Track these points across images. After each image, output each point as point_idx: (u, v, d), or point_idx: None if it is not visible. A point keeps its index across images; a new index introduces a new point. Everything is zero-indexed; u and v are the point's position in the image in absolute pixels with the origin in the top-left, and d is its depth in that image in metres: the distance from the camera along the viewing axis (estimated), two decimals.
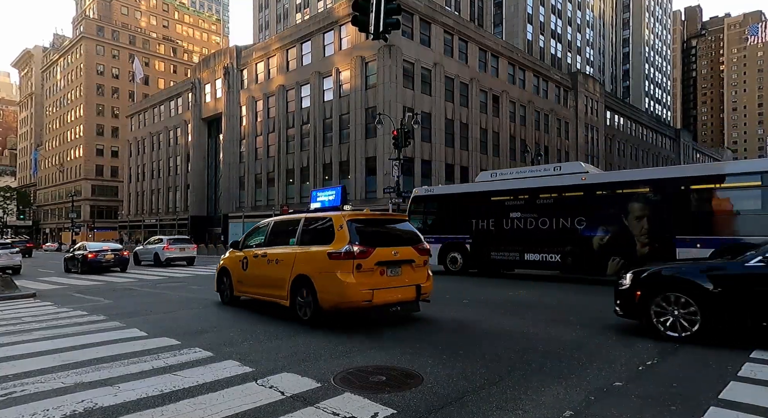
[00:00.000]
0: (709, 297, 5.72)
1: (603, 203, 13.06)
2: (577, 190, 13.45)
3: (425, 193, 17.46)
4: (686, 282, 5.92)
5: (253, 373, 4.72)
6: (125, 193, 71.44)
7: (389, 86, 34.87)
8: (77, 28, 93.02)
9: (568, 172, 14.10)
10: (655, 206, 12.07)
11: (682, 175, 11.99)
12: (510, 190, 14.96)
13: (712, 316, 5.74)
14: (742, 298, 5.54)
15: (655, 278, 6.26)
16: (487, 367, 4.96)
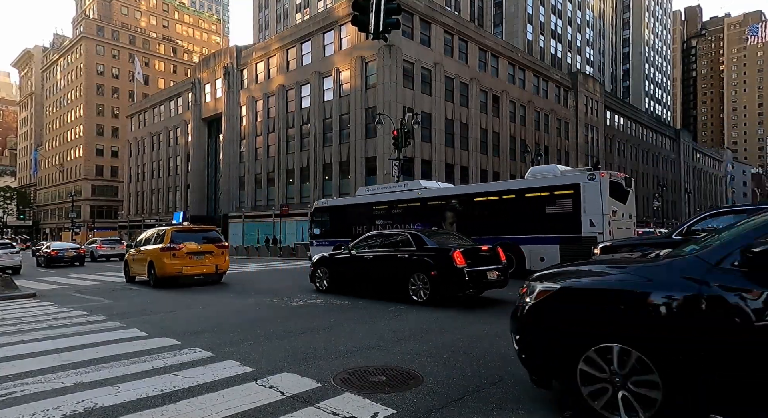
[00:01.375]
0: None
1: (431, 211, 17.22)
2: (416, 202, 17.83)
3: (322, 205, 21.56)
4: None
5: (253, 373, 4.71)
6: (125, 193, 71.45)
7: (389, 86, 34.87)
8: (77, 28, 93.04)
9: (411, 188, 18.60)
10: (458, 213, 16.34)
11: (471, 192, 16.99)
12: (375, 202, 18.98)
13: None
14: None
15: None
16: (487, 366, 4.96)
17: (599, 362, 3.28)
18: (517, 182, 17.02)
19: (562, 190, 13.59)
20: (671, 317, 2.99)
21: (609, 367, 3.23)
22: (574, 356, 3.37)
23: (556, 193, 13.72)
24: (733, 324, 2.79)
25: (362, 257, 10.53)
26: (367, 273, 10.42)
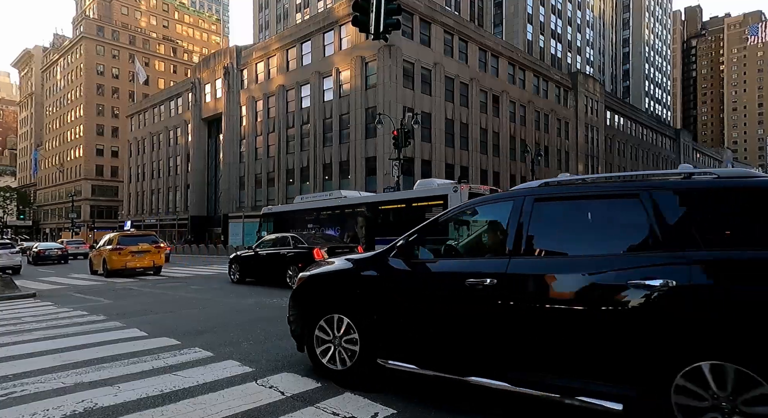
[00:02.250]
0: None
1: (347, 217, 19.81)
2: (336, 209, 20.45)
3: (268, 211, 24.40)
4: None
5: (253, 373, 4.71)
6: (125, 193, 71.45)
7: (389, 86, 34.87)
8: (77, 28, 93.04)
9: (334, 197, 21.26)
10: (368, 219, 18.77)
11: (375, 200, 19.56)
12: (307, 209, 21.70)
13: None
14: None
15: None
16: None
17: (326, 329, 4.50)
18: (407, 193, 19.36)
19: (435, 200, 16.38)
20: (366, 292, 4.28)
21: (332, 332, 4.47)
22: (313, 325, 4.58)
23: (432, 203, 16.58)
24: (400, 296, 4.12)
25: (260, 254, 14.24)
26: (262, 266, 13.97)
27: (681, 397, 2.84)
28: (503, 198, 4.05)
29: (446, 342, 3.82)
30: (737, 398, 2.66)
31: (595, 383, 3.13)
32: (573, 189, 3.74)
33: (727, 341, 2.73)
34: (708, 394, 2.76)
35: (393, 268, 4.19)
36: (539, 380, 3.34)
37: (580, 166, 56.59)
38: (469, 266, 3.91)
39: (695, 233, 3.01)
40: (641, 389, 2.97)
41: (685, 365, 2.84)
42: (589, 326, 3.19)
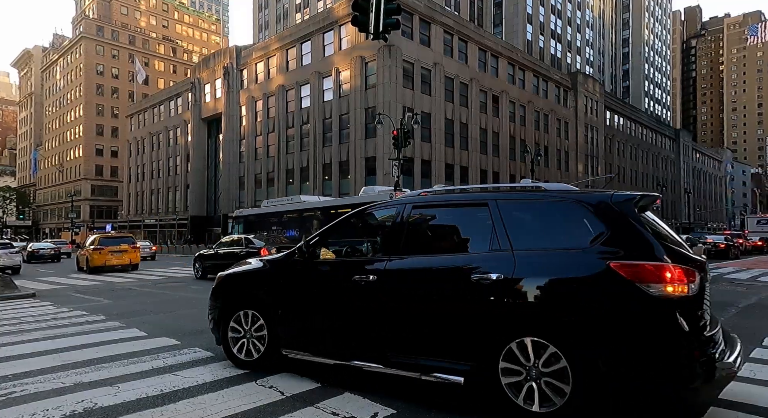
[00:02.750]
0: None
1: (305, 220, 20.93)
2: (295, 212, 21.49)
3: (239, 214, 25.82)
4: None
5: (253, 373, 4.71)
6: (125, 193, 71.45)
7: (389, 86, 34.88)
8: (77, 28, 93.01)
9: (294, 201, 22.61)
10: (321, 222, 19.36)
11: (328, 205, 20.79)
12: (271, 213, 22.71)
13: None
14: None
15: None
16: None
17: (240, 323, 4.92)
18: (353, 198, 20.68)
19: None
20: (273, 290, 4.78)
21: (245, 327, 4.88)
22: (228, 319, 4.99)
23: None
24: (300, 292, 4.65)
25: (218, 252, 16.31)
26: (220, 263, 14.69)
27: (504, 364, 3.54)
28: (391, 204, 4.61)
29: (335, 332, 4.40)
30: (538, 362, 3.42)
31: (444, 361, 3.77)
32: (441, 198, 4.45)
33: (537, 321, 3.46)
34: (522, 363, 3.48)
35: (297, 267, 4.72)
36: (405, 361, 3.96)
37: (580, 167, 56.60)
38: (358, 264, 4.46)
39: (512, 236, 3.73)
40: (477, 364, 3.64)
41: (508, 342, 3.52)
42: (442, 314, 3.83)
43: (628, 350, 3.21)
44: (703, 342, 3.25)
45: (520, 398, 3.45)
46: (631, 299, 3.22)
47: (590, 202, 3.66)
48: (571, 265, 3.46)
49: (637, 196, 3.75)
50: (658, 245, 3.36)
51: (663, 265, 3.24)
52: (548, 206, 3.85)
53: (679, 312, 3.15)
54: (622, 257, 3.31)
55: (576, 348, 3.29)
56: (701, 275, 3.40)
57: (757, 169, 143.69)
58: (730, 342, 3.68)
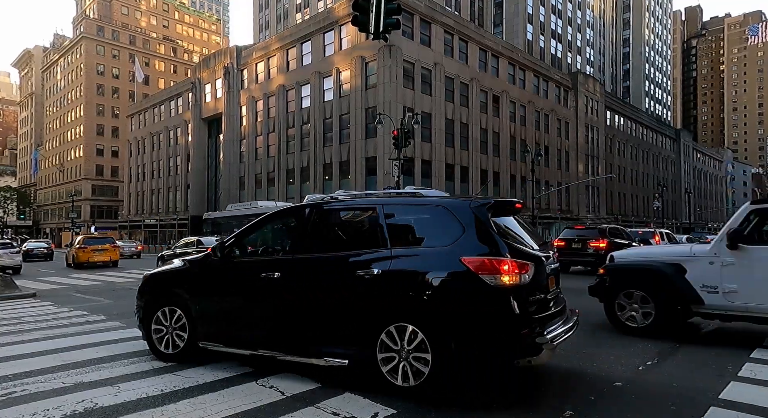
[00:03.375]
0: None
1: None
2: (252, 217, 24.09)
3: (207, 217, 27.63)
4: None
5: (253, 373, 4.72)
6: (125, 193, 71.44)
7: (389, 86, 34.87)
8: (77, 28, 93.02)
9: (251, 206, 23.75)
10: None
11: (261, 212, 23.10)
12: (232, 216, 23.71)
13: None
14: None
15: None
16: None
17: (163, 319, 5.25)
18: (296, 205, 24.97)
19: None
20: (192, 287, 5.21)
21: (167, 322, 5.24)
22: (152, 316, 5.32)
23: None
24: (215, 289, 5.10)
25: (176, 252, 18.41)
26: None
27: (382, 346, 4.07)
28: (297, 208, 5.12)
29: (244, 325, 4.86)
30: (411, 346, 3.96)
31: (334, 347, 4.28)
32: (339, 202, 4.91)
33: (407, 309, 4.03)
34: (395, 345, 4.02)
35: (213, 267, 5.14)
36: (302, 348, 4.47)
37: (580, 166, 56.57)
38: (266, 262, 4.94)
39: (391, 235, 4.31)
40: (361, 347, 4.16)
41: (385, 327, 4.07)
42: (333, 305, 4.37)
43: (472, 331, 3.85)
44: (532, 322, 3.90)
45: (393, 374, 4.02)
46: (475, 288, 3.85)
47: (453, 207, 4.25)
48: (435, 261, 4.04)
49: (490, 202, 4.28)
50: (502, 243, 3.96)
51: (501, 259, 3.85)
52: (422, 210, 4.50)
53: (513, 297, 3.80)
54: (471, 253, 3.92)
55: (434, 331, 3.89)
56: (539, 267, 4.09)
57: (757, 169, 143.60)
58: (566, 321, 4.40)
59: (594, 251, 16.29)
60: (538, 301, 4.07)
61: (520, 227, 4.60)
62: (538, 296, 4.09)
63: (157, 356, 5.26)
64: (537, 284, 4.06)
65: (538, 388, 4.35)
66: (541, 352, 3.86)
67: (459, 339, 3.84)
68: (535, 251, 4.29)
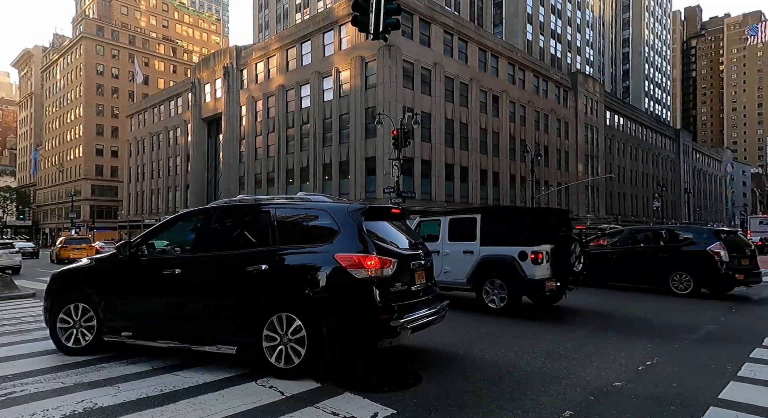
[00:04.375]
0: None
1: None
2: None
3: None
4: None
5: (253, 373, 4.71)
6: (125, 193, 71.42)
7: (389, 86, 34.87)
8: (77, 28, 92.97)
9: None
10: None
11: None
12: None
13: None
14: None
15: None
16: (487, 366, 4.96)
17: (70, 316, 5.52)
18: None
19: None
20: (99, 284, 5.52)
21: (74, 318, 5.50)
22: (59, 312, 5.55)
23: None
24: (119, 285, 5.47)
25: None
26: None
27: (266, 333, 4.60)
28: (202, 210, 5.64)
29: (146, 318, 5.26)
30: (291, 333, 4.51)
31: (226, 335, 4.79)
32: (238, 205, 5.48)
33: (289, 301, 4.60)
34: (278, 332, 4.57)
35: (120, 264, 5.49)
36: (197, 337, 4.93)
37: (580, 166, 56.58)
38: (169, 260, 5.34)
39: (279, 235, 4.84)
40: (248, 335, 4.66)
41: (270, 317, 4.59)
42: (226, 298, 4.86)
43: (342, 318, 4.46)
44: (391, 309, 4.49)
45: (275, 358, 4.56)
46: (344, 281, 4.44)
47: (333, 211, 4.81)
48: (314, 258, 4.63)
49: (364, 207, 4.90)
50: (370, 242, 4.58)
51: (368, 256, 4.46)
52: (307, 213, 5.06)
53: (375, 288, 4.42)
54: (343, 251, 4.51)
55: (311, 319, 4.46)
56: (402, 263, 4.76)
57: (757, 169, 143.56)
58: (431, 309, 5.06)
59: None
60: (400, 291, 4.72)
61: (395, 229, 5.28)
62: (401, 287, 4.72)
63: (63, 351, 5.50)
64: (399, 277, 4.70)
65: (536, 388, 4.35)
66: (399, 334, 4.48)
67: (330, 325, 4.43)
68: (400, 250, 4.95)
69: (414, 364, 5.06)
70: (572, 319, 7.87)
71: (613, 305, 9.53)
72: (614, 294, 11.06)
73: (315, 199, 5.21)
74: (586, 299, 10.14)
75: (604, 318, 7.92)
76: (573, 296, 10.53)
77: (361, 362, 5.09)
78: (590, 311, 8.78)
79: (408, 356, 5.42)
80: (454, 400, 3.97)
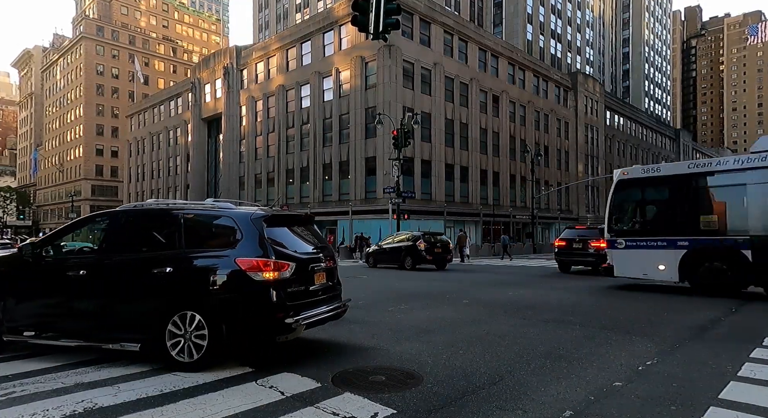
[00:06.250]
0: None
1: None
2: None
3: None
4: None
5: (252, 373, 4.71)
6: (125, 194, 71.43)
7: (389, 86, 34.87)
8: (77, 28, 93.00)
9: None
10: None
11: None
12: None
13: None
14: None
15: None
16: (487, 366, 4.96)
17: None
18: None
19: None
20: (5, 282, 5.56)
21: None
22: None
23: None
24: (24, 285, 5.52)
25: None
26: None
27: (170, 330, 4.84)
28: (110, 213, 5.76)
29: (49, 318, 5.38)
30: (193, 329, 4.79)
31: (130, 333, 5.00)
32: (147, 209, 5.64)
33: (192, 300, 4.88)
34: (181, 329, 4.83)
35: (23, 265, 5.54)
36: (102, 336, 5.10)
37: (580, 166, 56.60)
38: (75, 261, 5.51)
39: (185, 240, 5.13)
40: (152, 333, 4.88)
41: (174, 315, 4.85)
42: (131, 298, 5.09)
43: (241, 316, 4.80)
44: (287, 308, 4.86)
45: (178, 353, 4.82)
46: (244, 283, 4.77)
47: (237, 218, 5.11)
48: (217, 261, 4.92)
49: (267, 215, 5.21)
50: (270, 247, 4.91)
51: (266, 260, 4.80)
52: (213, 219, 5.34)
53: (272, 289, 4.78)
54: (245, 255, 4.83)
55: (211, 317, 4.76)
56: (301, 266, 5.12)
57: None
58: (329, 307, 5.48)
59: (595, 251, 16.24)
60: (298, 291, 5.07)
61: (297, 234, 5.66)
62: (298, 288, 5.08)
63: None
64: (298, 279, 5.06)
65: (536, 388, 4.35)
66: (294, 330, 4.89)
67: (230, 323, 4.77)
68: (298, 254, 5.27)
69: (414, 364, 5.06)
70: (572, 319, 7.88)
71: (614, 304, 9.53)
72: (614, 294, 11.07)
73: (221, 206, 5.46)
74: (587, 299, 10.14)
75: (604, 318, 7.92)
76: (573, 296, 10.53)
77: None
78: (590, 311, 8.78)
79: (408, 356, 5.42)
80: (454, 400, 3.97)
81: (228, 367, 4.93)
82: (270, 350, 5.67)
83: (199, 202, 5.91)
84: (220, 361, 4.92)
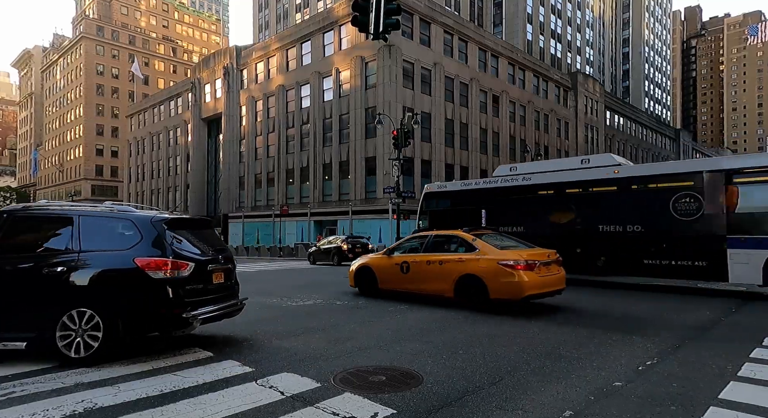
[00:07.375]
0: None
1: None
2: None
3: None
4: None
5: (253, 373, 4.72)
6: (125, 193, 71.42)
7: (389, 86, 34.87)
8: (77, 28, 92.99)
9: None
10: None
11: None
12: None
13: None
14: None
15: None
16: (487, 366, 4.96)
17: None
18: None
19: None
20: None
21: None
22: None
23: None
24: None
25: None
26: None
27: (61, 327, 5.01)
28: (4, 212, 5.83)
29: None
30: (87, 326, 5.00)
31: (15, 332, 5.10)
32: (40, 210, 5.85)
33: (87, 298, 5.06)
34: (74, 325, 5.01)
35: None
36: None
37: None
38: None
39: (83, 240, 5.29)
40: (42, 330, 5.04)
41: (66, 312, 5.02)
42: (18, 297, 5.19)
43: (138, 312, 5.11)
44: (184, 304, 5.17)
45: (71, 350, 4.99)
46: (142, 281, 5.05)
47: (138, 220, 5.41)
48: (114, 260, 5.19)
49: (167, 218, 5.51)
50: (168, 248, 5.22)
51: (164, 260, 5.11)
52: (112, 221, 5.54)
53: (169, 287, 5.09)
54: (143, 255, 5.12)
55: (107, 314, 5.00)
56: (199, 266, 5.42)
57: None
58: (225, 304, 5.79)
59: None
60: (195, 290, 5.37)
61: (197, 236, 5.93)
62: (196, 286, 5.39)
63: None
64: (196, 278, 5.37)
65: (536, 388, 4.35)
66: (190, 325, 5.21)
67: (127, 318, 5.07)
68: (197, 256, 5.57)
69: (414, 364, 5.06)
70: (572, 319, 7.87)
71: (614, 304, 9.53)
72: (614, 294, 11.07)
73: (121, 208, 5.77)
74: (587, 299, 10.14)
75: (604, 318, 7.92)
76: (573, 296, 10.53)
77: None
78: (590, 311, 8.78)
79: (408, 356, 5.42)
80: (454, 400, 3.97)
81: (228, 367, 4.94)
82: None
83: (98, 204, 6.15)
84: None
